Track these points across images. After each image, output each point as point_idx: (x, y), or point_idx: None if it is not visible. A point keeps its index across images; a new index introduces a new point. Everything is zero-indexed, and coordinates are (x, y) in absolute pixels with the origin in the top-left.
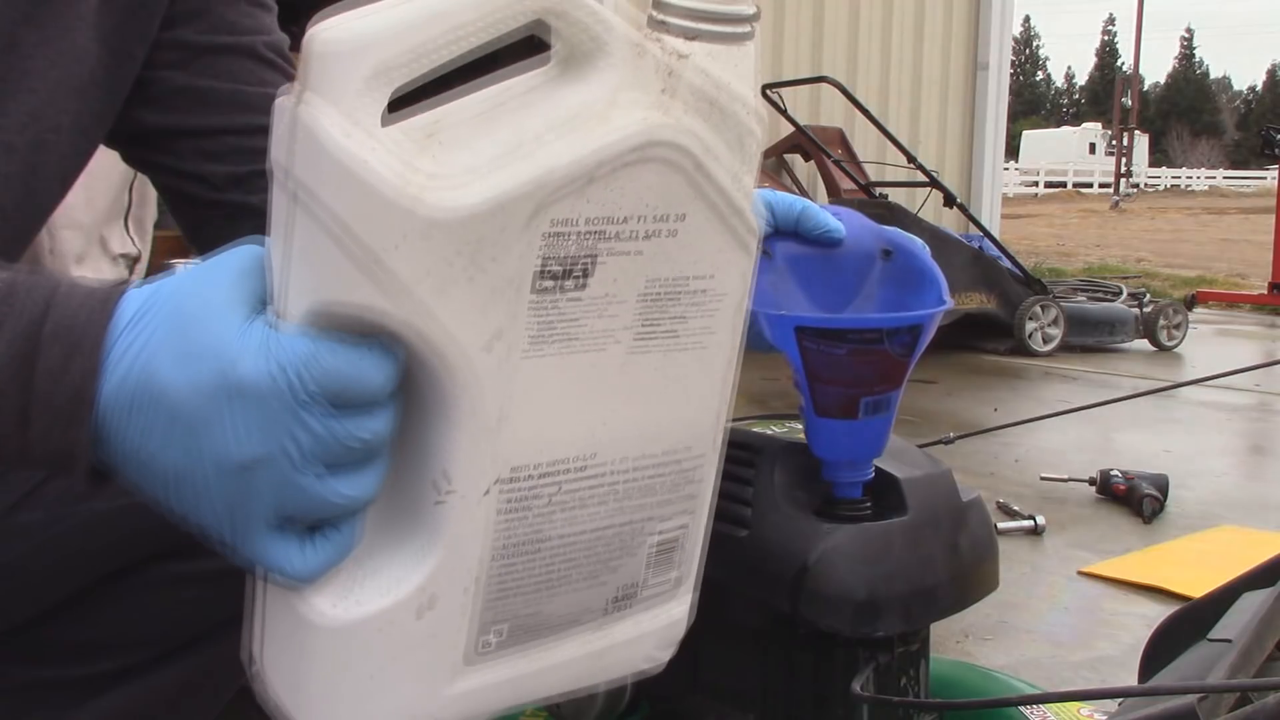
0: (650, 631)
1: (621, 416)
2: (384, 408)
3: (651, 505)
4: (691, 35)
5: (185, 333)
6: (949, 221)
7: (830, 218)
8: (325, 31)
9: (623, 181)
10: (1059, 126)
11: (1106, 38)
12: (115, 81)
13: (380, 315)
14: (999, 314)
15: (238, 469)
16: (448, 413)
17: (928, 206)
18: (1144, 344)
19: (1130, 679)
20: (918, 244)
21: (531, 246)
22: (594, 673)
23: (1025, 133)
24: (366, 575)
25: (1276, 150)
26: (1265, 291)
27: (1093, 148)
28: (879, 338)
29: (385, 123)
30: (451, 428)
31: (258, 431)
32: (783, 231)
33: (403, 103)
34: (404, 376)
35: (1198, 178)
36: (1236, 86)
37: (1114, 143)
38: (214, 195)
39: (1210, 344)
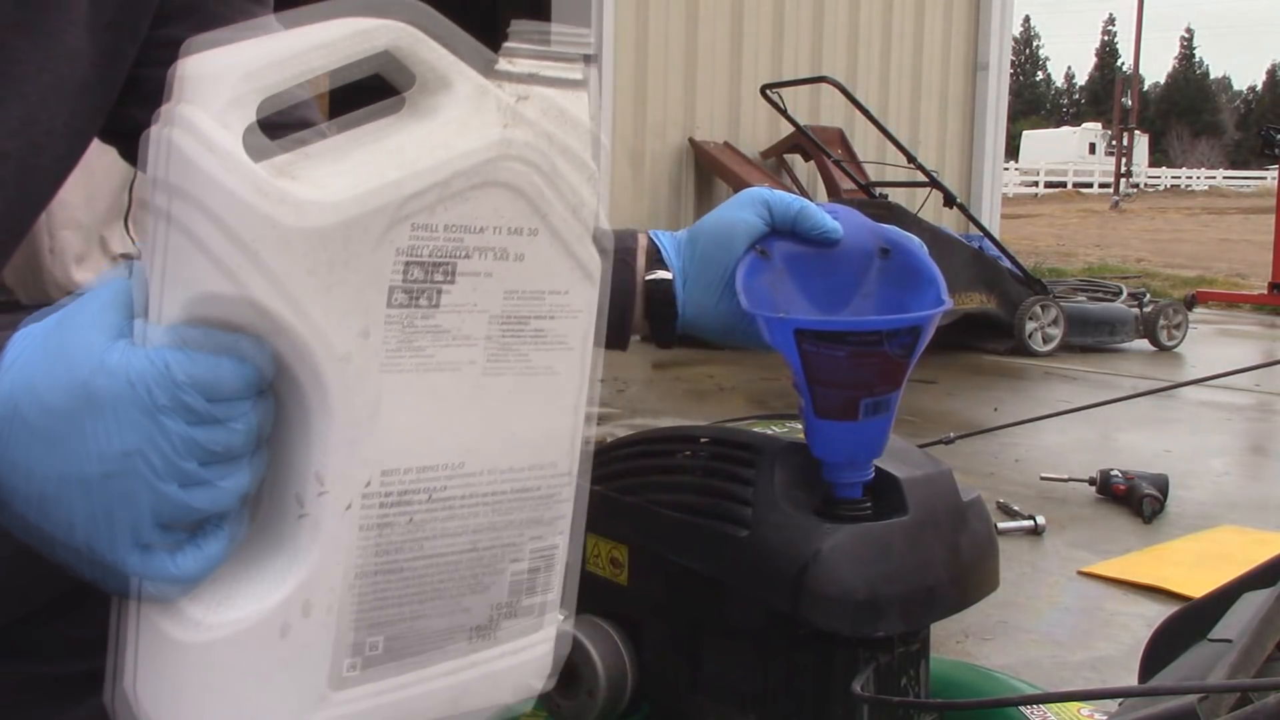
0: (519, 657)
1: (482, 429)
2: (249, 409)
3: (515, 524)
4: (529, 82)
5: (55, 351)
6: (949, 221)
7: (828, 218)
8: (191, 61)
9: (472, 204)
10: (1059, 126)
11: (1106, 38)
12: (108, 81)
13: (251, 311)
14: (999, 314)
15: (103, 476)
16: (314, 416)
17: (928, 206)
18: (1144, 344)
19: (1130, 679)
20: (915, 242)
21: (389, 256)
22: (468, 697)
23: (1025, 133)
24: (239, 585)
25: (1276, 150)
26: (1265, 291)
27: (1093, 148)
28: (879, 339)
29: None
30: (317, 432)
31: (117, 437)
32: (780, 231)
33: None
34: (274, 378)
35: (1198, 178)
36: (1236, 86)
37: (1114, 143)
38: None
39: (1210, 344)
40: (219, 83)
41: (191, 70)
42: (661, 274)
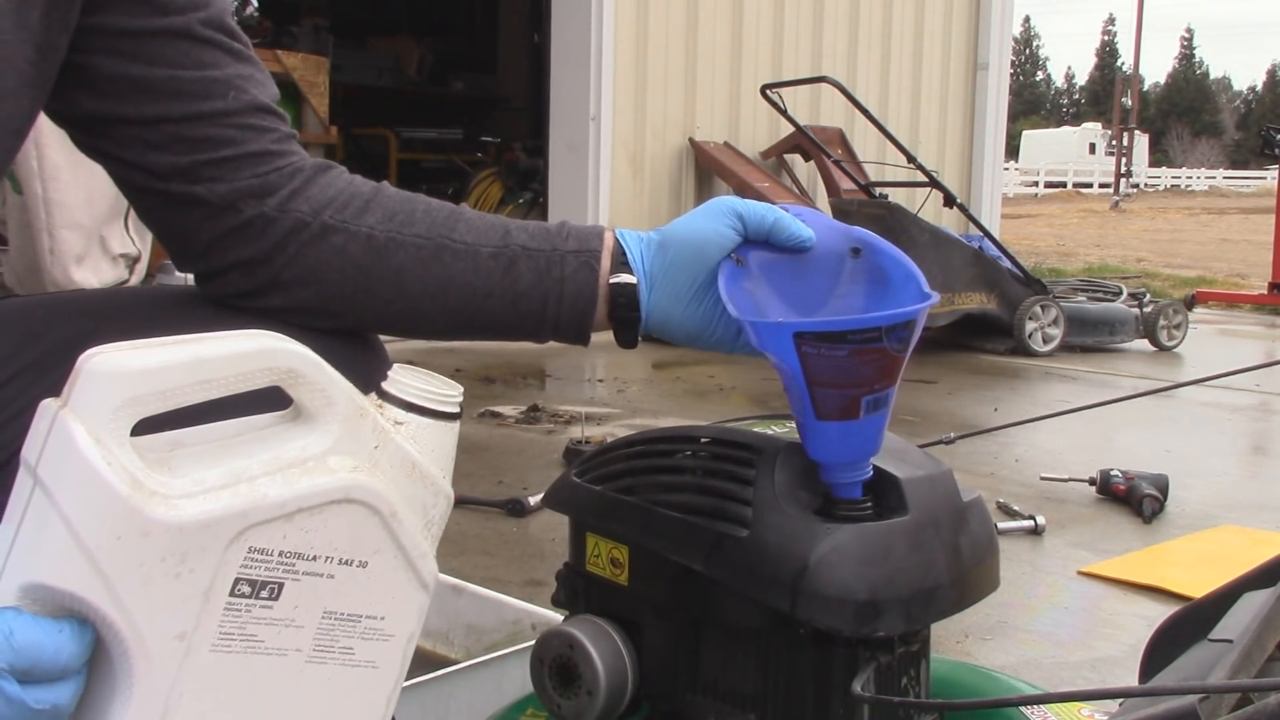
0: None
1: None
2: (70, 680)
3: None
4: (406, 408)
5: None
6: (949, 221)
7: (802, 226)
8: (94, 359)
9: (322, 520)
10: (1059, 126)
11: (1106, 38)
12: (43, 74)
13: (82, 601)
14: (999, 314)
15: None
16: (123, 695)
17: (928, 206)
18: (1144, 344)
19: (1130, 679)
20: (884, 241)
21: (230, 563)
22: None
23: (1025, 133)
24: None
25: (1276, 150)
26: (1265, 291)
27: (1093, 148)
28: (879, 335)
29: (130, 438)
30: (123, 710)
31: None
32: (754, 241)
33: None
34: (94, 652)
35: (1198, 178)
36: (1236, 86)
37: (1114, 143)
38: (159, 185)
39: (1210, 344)
40: (110, 389)
41: (88, 370)
42: (626, 278)
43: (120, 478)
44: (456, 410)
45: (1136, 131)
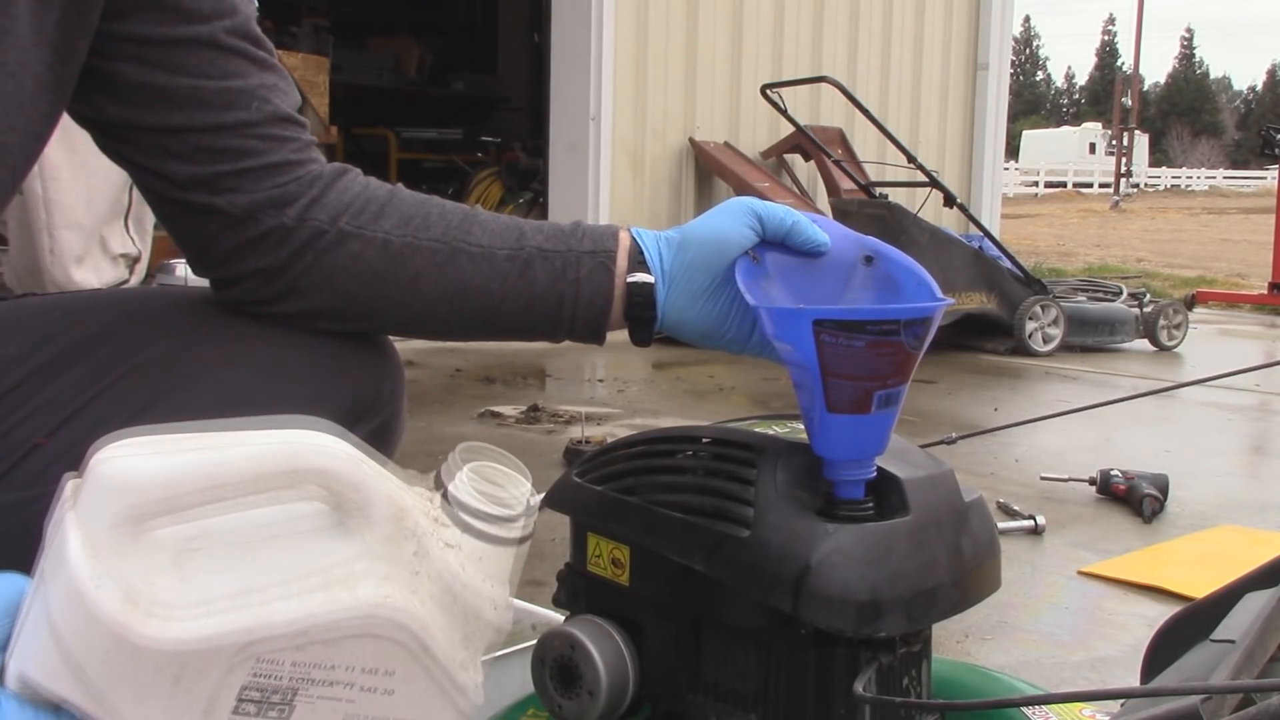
0: None
1: None
2: None
3: None
4: (464, 529)
5: None
6: (949, 221)
7: (818, 231)
8: (103, 463)
9: (341, 647)
10: (1059, 126)
11: (1106, 38)
12: (63, 79)
13: (73, 707)
14: (999, 314)
15: None
16: None
17: (928, 206)
18: (1144, 344)
19: (1131, 679)
20: (897, 251)
21: (233, 680)
22: None
23: (1025, 133)
24: None
25: (1276, 150)
26: (1265, 291)
27: (1093, 148)
28: (896, 329)
29: (153, 532)
30: None
31: None
32: (770, 242)
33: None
34: None
35: (1198, 178)
36: (1236, 86)
37: (1114, 143)
38: (178, 194)
39: (1210, 344)
40: (115, 498)
41: (96, 474)
42: (643, 277)
43: (110, 597)
44: (520, 534)
45: (1136, 131)
